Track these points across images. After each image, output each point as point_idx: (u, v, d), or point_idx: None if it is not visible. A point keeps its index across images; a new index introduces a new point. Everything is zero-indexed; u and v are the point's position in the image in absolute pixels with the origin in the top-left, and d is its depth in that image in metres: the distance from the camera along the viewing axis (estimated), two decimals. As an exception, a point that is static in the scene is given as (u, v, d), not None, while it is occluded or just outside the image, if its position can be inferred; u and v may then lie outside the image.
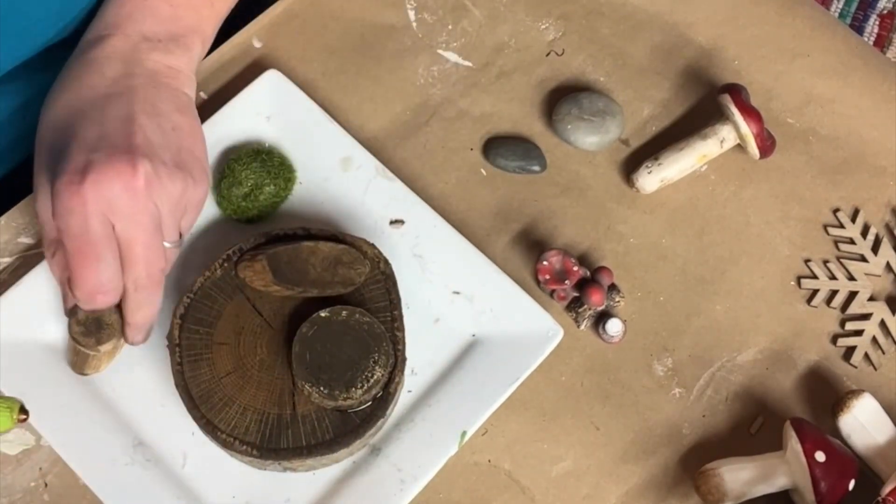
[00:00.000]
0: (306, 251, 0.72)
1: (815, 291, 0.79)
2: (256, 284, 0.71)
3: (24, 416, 0.64)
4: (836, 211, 0.82)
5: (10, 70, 0.78)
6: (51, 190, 0.65)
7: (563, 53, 0.87)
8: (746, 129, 0.79)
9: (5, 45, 0.75)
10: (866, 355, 0.77)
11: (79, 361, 0.70)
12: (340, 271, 0.72)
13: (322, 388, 0.68)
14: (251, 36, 0.86)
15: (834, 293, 0.79)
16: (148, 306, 0.68)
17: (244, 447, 0.68)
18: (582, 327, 0.77)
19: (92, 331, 0.69)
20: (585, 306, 0.77)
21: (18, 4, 0.73)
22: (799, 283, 0.80)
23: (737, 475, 0.70)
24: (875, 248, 0.81)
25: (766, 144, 0.80)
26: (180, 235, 0.70)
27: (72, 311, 0.69)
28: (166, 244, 0.67)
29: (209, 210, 0.78)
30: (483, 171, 0.82)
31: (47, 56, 0.81)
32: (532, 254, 0.79)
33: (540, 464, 0.74)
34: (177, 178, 0.66)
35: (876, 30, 1.60)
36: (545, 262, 0.76)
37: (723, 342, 0.78)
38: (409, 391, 0.74)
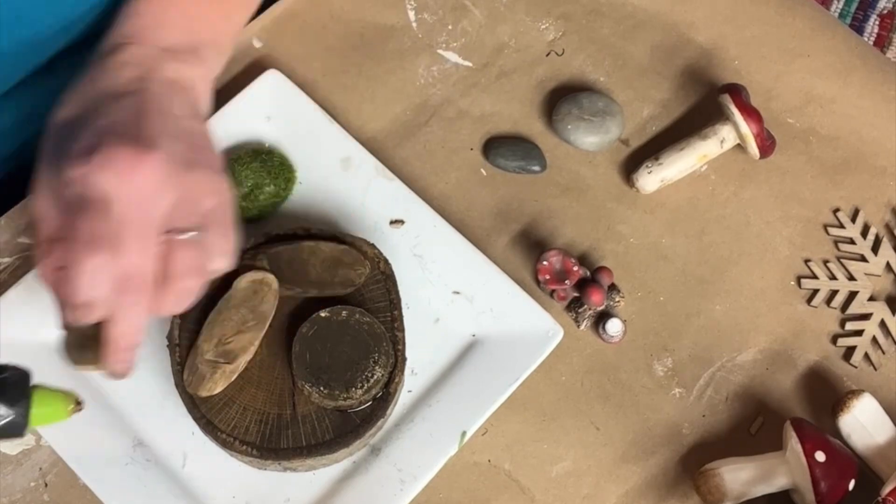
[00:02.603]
0: (306, 251, 0.72)
1: (815, 291, 0.79)
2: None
3: (80, 407, 0.61)
4: (836, 211, 0.82)
5: (20, 76, 0.79)
6: (57, 176, 0.63)
7: (563, 53, 0.87)
8: (746, 129, 0.79)
9: (15, 54, 0.75)
10: (866, 355, 0.77)
11: (195, 381, 0.69)
12: (340, 272, 0.72)
13: (322, 388, 0.68)
14: (251, 36, 0.86)
15: (834, 293, 0.79)
16: (129, 318, 0.62)
17: (244, 447, 0.68)
18: (582, 327, 0.77)
19: (224, 353, 0.68)
20: (585, 306, 0.77)
21: (27, 14, 0.73)
22: (799, 283, 0.80)
23: (737, 475, 0.70)
24: (875, 248, 0.81)
25: (766, 144, 0.80)
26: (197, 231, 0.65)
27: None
28: (183, 236, 0.63)
29: (209, 210, 0.78)
30: (483, 171, 0.82)
31: (53, 63, 0.81)
32: (532, 254, 0.79)
33: (540, 464, 0.74)
34: (193, 171, 0.64)
35: (876, 30, 1.60)
36: (545, 262, 0.76)
37: (723, 342, 0.78)
38: (409, 391, 0.74)
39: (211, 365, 0.68)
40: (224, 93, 0.83)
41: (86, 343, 0.64)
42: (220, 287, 0.72)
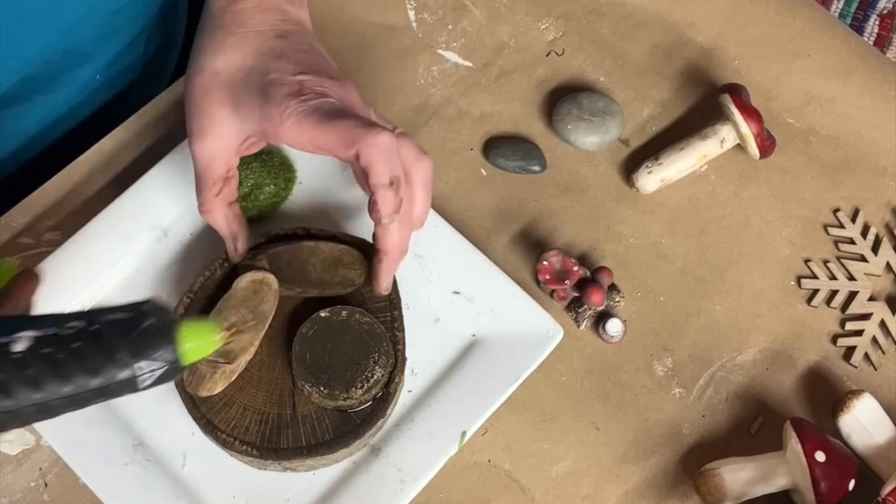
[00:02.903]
0: (307, 251, 0.72)
1: (815, 291, 0.79)
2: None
3: (229, 333, 0.61)
4: (836, 211, 0.82)
5: (21, 88, 0.79)
6: (256, 122, 0.67)
7: (563, 53, 0.87)
8: (746, 129, 0.79)
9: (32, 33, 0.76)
10: (866, 355, 0.78)
11: (195, 381, 0.69)
12: (340, 272, 0.72)
13: (322, 388, 0.68)
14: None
15: (834, 293, 0.79)
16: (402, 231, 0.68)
17: (244, 447, 0.68)
18: (582, 327, 0.77)
19: (224, 353, 0.68)
20: (585, 306, 0.77)
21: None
22: (799, 283, 0.80)
23: (737, 475, 0.70)
24: (875, 248, 0.81)
25: (766, 144, 0.80)
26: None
27: None
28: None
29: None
30: (483, 171, 0.82)
31: (59, 73, 0.81)
32: (532, 254, 0.79)
33: (540, 464, 0.74)
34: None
35: (876, 30, 1.60)
36: (545, 262, 0.76)
37: (723, 342, 0.78)
38: (409, 391, 0.74)
39: (211, 365, 0.68)
40: (224, 93, 0.83)
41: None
42: (220, 287, 0.73)
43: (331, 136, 0.64)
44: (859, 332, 0.78)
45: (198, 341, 0.56)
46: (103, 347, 0.53)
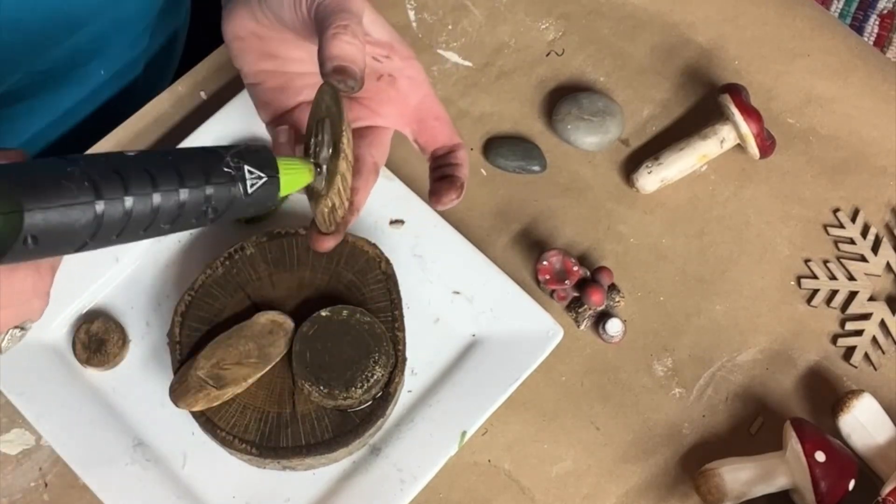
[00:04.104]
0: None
1: (815, 291, 0.79)
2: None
3: (320, 170, 0.59)
4: (836, 211, 0.82)
5: (29, 85, 0.79)
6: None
7: (563, 53, 0.87)
8: (746, 129, 0.79)
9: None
10: (866, 355, 0.77)
11: (180, 390, 0.68)
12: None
13: (322, 388, 0.68)
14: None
15: (834, 293, 0.79)
16: None
17: (243, 445, 0.68)
18: (582, 327, 0.77)
19: (216, 377, 0.68)
20: (585, 306, 0.77)
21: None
22: (799, 283, 0.80)
23: (737, 475, 0.70)
24: (875, 248, 0.81)
25: (766, 144, 0.80)
26: None
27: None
28: None
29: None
30: (483, 171, 0.82)
31: (67, 71, 0.81)
32: (532, 254, 0.79)
33: (540, 464, 0.74)
34: None
35: (876, 30, 1.60)
36: (545, 262, 0.76)
37: (723, 342, 0.78)
38: (409, 391, 0.74)
39: (200, 382, 0.67)
40: (224, 93, 0.83)
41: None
42: (221, 286, 0.73)
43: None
44: (859, 332, 0.78)
45: (293, 174, 0.57)
46: (211, 155, 0.54)
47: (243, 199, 0.55)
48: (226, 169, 0.54)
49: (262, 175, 0.56)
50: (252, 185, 0.55)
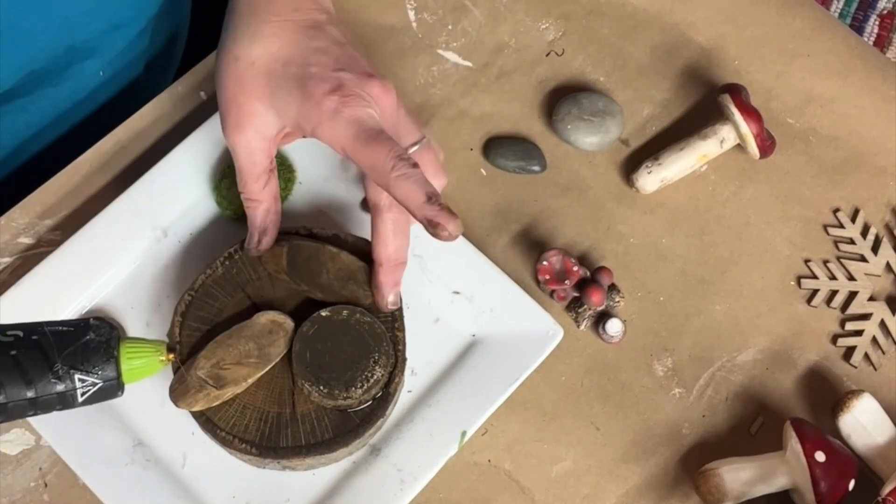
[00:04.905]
0: (326, 255, 0.72)
1: (815, 291, 0.79)
2: (269, 267, 0.72)
3: (173, 356, 0.59)
4: (836, 211, 0.82)
5: (25, 82, 0.79)
6: (294, 116, 0.67)
7: (563, 53, 0.87)
8: (746, 129, 0.79)
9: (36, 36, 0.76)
10: (866, 355, 0.77)
11: (180, 390, 0.68)
12: (350, 286, 0.71)
13: (322, 388, 0.68)
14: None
15: (834, 293, 0.79)
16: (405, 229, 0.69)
17: (243, 445, 0.68)
18: (582, 327, 0.77)
19: (216, 377, 0.68)
20: (585, 306, 0.77)
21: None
22: (799, 283, 0.80)
23: (737, 475, 0.70)
24: (875, 248, 0.81)
25: (766, 144, 0.80)
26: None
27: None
28: (416, 147, 0.70)
29: (209, 210, 0.78)
30: (483, 171, 0.82)
31: (64, 67, 0.81)
32: (532, 254, 0.79)
33: (540, 464, 0.74)
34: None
35: (876, 30, 1.60)
36: (545, 262, 0.76)
37: (723, 342, 0.78)
38: (409, 391, 0.74)
39: (199, 382, 0.67)
40: (224, 93, 0.83)
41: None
42: (222, 285, 0.73)
43: (363, 159, 0.64)
44: (859, 332, 0.78)
45: (140, 361, 0.55)
46: (42, 357, 0.52)
47: (77, 404, 0.53)
48: (53, 379, 0.52)
49: (98, 381, 0.54)
50: (84, 394, 0.53)
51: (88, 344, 0.54)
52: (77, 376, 0.53)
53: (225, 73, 0.69)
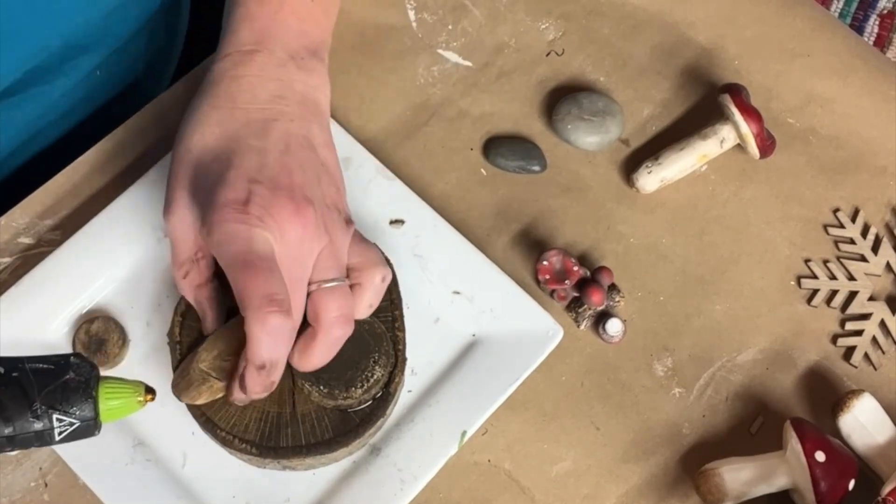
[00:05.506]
0: None
1: (815, 291, 0.79)
2: None
3: (151, 397, 0.59)
4: (836, 211, 0.82)
5: (20, 79, 0.79)
6: (203, 214, 0.63)
7: (563, 53, 0.87)
8: (746, 129, 0.79)
9: (30, 34, 0.75)
10: (866, 355, 0.78)
11: (183, 384, 0.68)
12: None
13: (322, 388, 0.68)
14: (251, 36, 0.85)
15: (834, 293, 0.79)
16: (278, 370, 0.63)
17: (243, 445, 0.68)
18: (582, 327, 0.77)
19: (218, 369, 0.67)
20: (585, 306, 0.77)
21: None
22: (799, 283, 0.80)
23: (737, 475, 0.70)
24: (875, 248, 0.81)
25: (766, 144, 0.80)
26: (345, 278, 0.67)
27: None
28: (329, 285, 0.64)
29: (209, 210, 0.78)
30: (483, 171, 0.82)
31: (58, 64, 0.81)
32: (532, 254, 0.79)
33: (540, 464, 0.74)
34: (332, 222, 0.65)
35: (876, 30, 1.60)
36: (545, 262, 0.76)
37: (723, 342, 0.78)
38: (409, 391, 0.74)
39: (202, 375, 0.67)
40: (224, 93, 0.83)
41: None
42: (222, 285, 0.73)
43: (235, 282, 0.60)
44: (859, 332, 0.78)
45: (119, 401, 0.56)
46: (21, 395, 0.52)
47: (53, 442, 0.53)
48: (31, 418, 0.52)
49: (75, 421, 0.54)
50: (62, 433, 0.54)
51: (68, 384, 0.54)
52: (55, 416, 0.53)
53: (173, 151, 0.67)
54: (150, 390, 0.59)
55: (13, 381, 0.53)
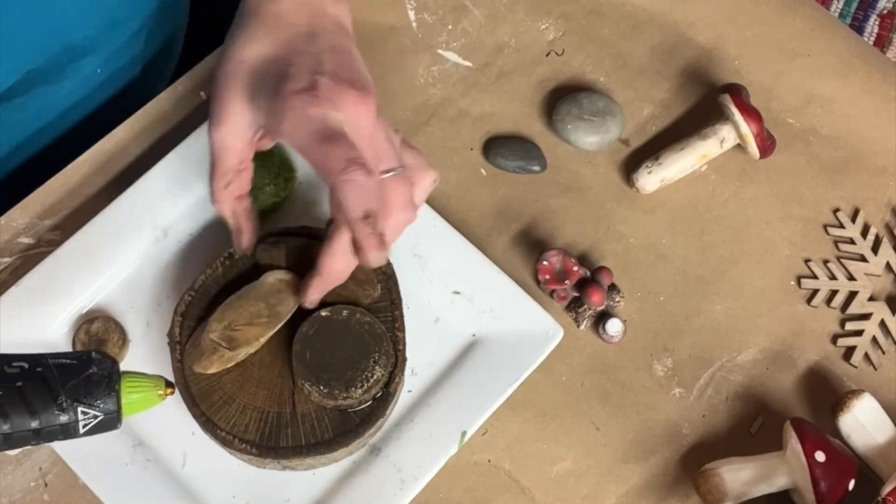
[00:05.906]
0: None
1: (815, 291, 0.79)
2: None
3: (171, 391, 0.60)
4: (836, 211, 0.82)
5: (22, 81, 0.79)
6: (268, 110, 0.66)
7: (563, 53, 0.87)
8: (746, 129, 0.79)
9: (33, 38, 0.76)
10: (866, 355, 0.78)
11: (195, 354, 0.69)
12: (350, 286, 0.71)
13: (322, 388, 0.68)
14: (251, 36, 0.85)
15: (834, 293, 0.79)
16: (376, 248, 0.66)
17: (243, 445, 0.68)
18: (582, 327, 0.77)
19: (228, 339, 0.68)
20: (585, 306, 0.77)
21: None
22: (799, 283, 0.80)
23: (737, 475, 0.70)
24: (875, 248, 0.81)
25: (766, 144, 0.80)
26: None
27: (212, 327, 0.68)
28: (390, 174, 0.66)
29: (209, 210, 0.78)
30: (483, 171, 0.82)
31: (59, 66, 0.81)
32: (532, 254, 0.79)
33: (540, 464, 0.74)
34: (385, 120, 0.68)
35: (876, 30, 1.60)
36: (545, 262, 0.76)
37: (723, 342, 0.78)
38: (409, 391, 0.74)
39: (213, 344, 0.68)
40: (224, 93, 0.83)
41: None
42: (222, 285, 0.73)
43: (316, 158, 0.63)
44: (859, 332, 0.78)
45: (140, 395, 0.57)
46: (46, 389, 0.54)
47: (78, 435, 0.55)
48: (56, 411, 0.54)
49: (99, 413, 0.55)
50: (86, 425, 0.55)
51: (91, 378, 0.56)
52: (80, 409, 0.55)
53: (219, 69, 0.69)
54: (169, 384, 0.60)
55: (37, 375, 0.54)
